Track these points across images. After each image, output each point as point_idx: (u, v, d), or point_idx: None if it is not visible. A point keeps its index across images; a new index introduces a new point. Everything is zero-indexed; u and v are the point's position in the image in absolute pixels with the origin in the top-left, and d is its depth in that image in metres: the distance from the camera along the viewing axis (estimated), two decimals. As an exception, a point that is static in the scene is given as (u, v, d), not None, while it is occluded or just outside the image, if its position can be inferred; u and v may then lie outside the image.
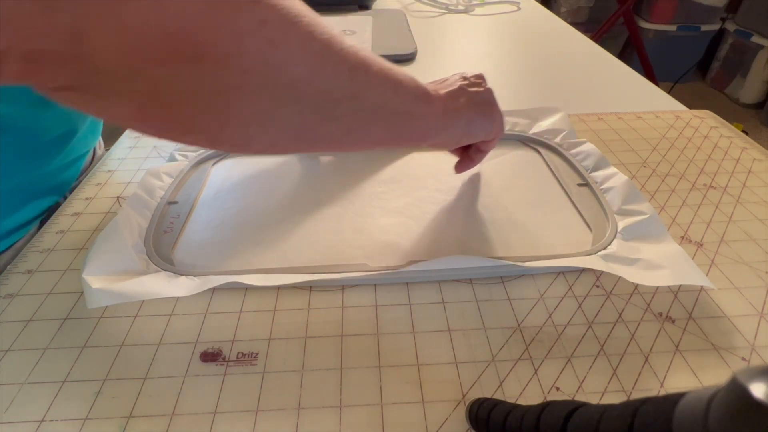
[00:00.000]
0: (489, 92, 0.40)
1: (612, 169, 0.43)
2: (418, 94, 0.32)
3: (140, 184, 0.42)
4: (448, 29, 0.90)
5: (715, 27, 2.20)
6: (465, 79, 0.39)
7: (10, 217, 0.43)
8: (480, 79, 0.40)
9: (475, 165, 0.44)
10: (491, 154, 0.50)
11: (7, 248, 0.44)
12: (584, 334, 0.31)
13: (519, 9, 1.00)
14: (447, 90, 0.36)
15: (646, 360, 0.30)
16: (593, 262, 0.33)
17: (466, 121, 0.36)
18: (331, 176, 0.48)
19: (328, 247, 0.38)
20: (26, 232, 0.46)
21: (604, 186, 0.42)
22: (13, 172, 0.42)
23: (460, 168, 0.44)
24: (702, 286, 0.34)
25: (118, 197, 0.45)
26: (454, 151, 0.44)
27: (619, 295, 0.34)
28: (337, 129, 0.27)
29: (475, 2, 1.03)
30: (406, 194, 0.44)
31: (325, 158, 0.51)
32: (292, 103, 0.24)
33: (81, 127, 0.49)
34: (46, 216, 0.48)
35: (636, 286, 0.34)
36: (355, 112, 0.27)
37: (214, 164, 0.49)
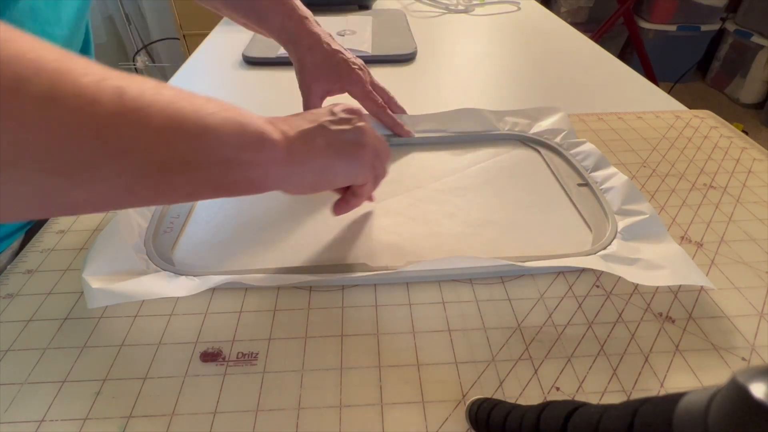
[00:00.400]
0: (358, 131, 0.34)
1: (612, 169, 0.43)
2: (247, 140, 0.27)
3: (140, 184, 0.42)
4: (448, 29, 0.90)
5: (715, 27, 2.19)
6: (332, 114, 0.34)
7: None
8: (352, 114, 0.35)
9: (351, 209, 0.38)
10: (491, 153, 0.50)
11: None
12: (584, 334, 0.31)
13: (519, 9, 1.00)
14: (301, 129, 0.32)
15: (646, 360, 0.30)
16: (593, 262, 0.33)
17: (322, 165, 0.32)
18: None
19: (328, 247, 0.38)
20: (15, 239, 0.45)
21: (604, 186, 0.42)
22: None
23: (336, 210, 0.38)
24: (702, 286, 0.34)
25: (118, 197, 0.45)
26: (337, 190, 0.39)
27: (619, 295, 0.34)
28: (102, 190, 0.23)
29: (475, 2, 1.03)
30: (406, 194, 0.44)
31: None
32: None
33: None
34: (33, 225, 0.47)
35: (636, 286, 0.34)
36: (140, 168, 0.23)
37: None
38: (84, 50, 0.50)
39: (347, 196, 0.38)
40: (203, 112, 0.26)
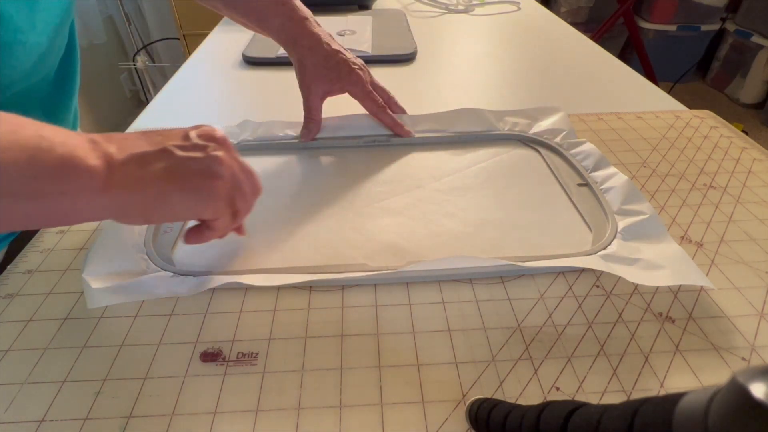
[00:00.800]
0: (211, 160, 0.30)
1: (612, 169, 0.43)
2: (41, 168, 0.24)
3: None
4: (448, 29, 0.90)
5: (715, 27, 2.19)
6: (185, 138, 0.30)
7: None
8: (210, 141, 0.31)
9: (203, 241, 0.33)
10: (491, 153, 0.50)
11: None
12: (584, 334, 0.31)
13: (519, 9, 1.00)
14: (134, 152, 0.28)
15: (646, 360, 0.30)
16: (593, 262, 0.33)
17: (154, 195, 0.28)
18: (331, 176, 0.48)
19: (328, 247, 0.38)
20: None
21: (604, 186, 0.42)
22: None
23: (186, 239, 0.33)
24: (702, 286, 0.34)
25: (118, 197, 0.45)
26: None
27: (619, 295, 0.34)
28: None
29: (475, 2, 1.03)
30: (406, 194, 0.44)
31: (325, 159, 0.51)
32: None
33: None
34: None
35: (636, 286, 0.34)
36: None
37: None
38: (67, 57, 0.48)
39: (200, 227, 0.33)
40: (13, 138, 0.24)
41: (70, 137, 0.26)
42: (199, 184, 0.29)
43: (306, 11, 0.51)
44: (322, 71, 0.50)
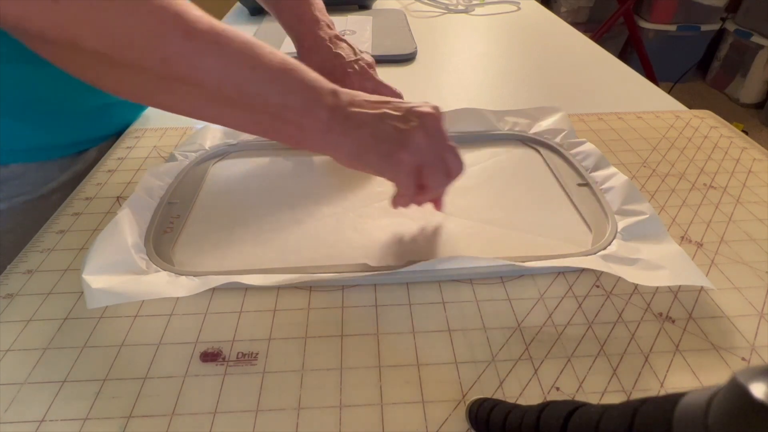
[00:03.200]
0: (405, 134, 0.34)
1: (612, 169, 0.43)
2: (294, 101, 0.32)
3: (140, 184, 0.42)
4: (448, 29, 0.90)
5: (715, 27, 2.19)
6: (399, 110, 0.35)
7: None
8: (417, 117, 0.35)
9: (395, 207, 0.39)
10: (491, 153, 0.50)
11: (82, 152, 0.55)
12: (584, 334, 0.31)
13: (519, 9, 1.00)
14: (357, 110, 0.34)
15: (646, 360, 0.30)
16: (593, 262, 0.33)
17: (358, 148, 0.34)
18: (332, 176, 0.48)
19: (328, 247, 0.38)
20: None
21: (604, 186, 0.42)
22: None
23: (392, 203, 0.39)
24: (702, 286, 0.34)
25: (118, 197, 0.45)
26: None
27: (619, 295, 0.34)
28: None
29: (475, 2, 1.03)
30: (406, 194, 0.44)
31: (326, 159, 0.51)
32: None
33: None
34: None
35: (636, 286, 0.34)
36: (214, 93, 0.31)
37: (214, 164, 0.49)
38: None
39: (396, 195, 0.38)
40: (273, 61, 0.32)
41: (318, 83, 0.34)
42: (387, 150, 0.34)
43: (320, 14, 0.53)
44: (317, 72, 0.50)
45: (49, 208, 0.46)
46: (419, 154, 0.34)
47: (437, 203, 0.40)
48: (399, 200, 0.38)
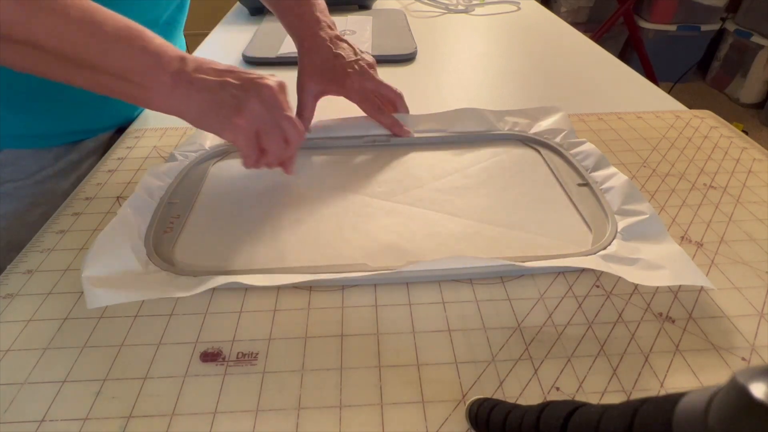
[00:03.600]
0: (243, 101, 0.38)
1: (612, 169, 0.43)
2: (138, 65, 0.35)
3: (140, 184, 0.42)
4: (448, 29, 0.90)
5: (715, 27, 2.19)
6: (241, 79, 0.38)
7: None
8: (255, 87, 0.38)
9: (244, 166, 0.42)
10: (491, 153, 0.50)
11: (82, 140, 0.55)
12: (584, 334, 0.31)
13: (519, 9, 1.00)
14: (201, 77, 0.37)
15: (646, 360, 0.30)
16: (593, 262, 0.33)
17: (199, 111, 0.38)
18: (331, 176, 0.48)
19: (328, 247, 0.38)
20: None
21: (604, 186, 0.42)
22: None
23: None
24: (702, 286, 0.34)
25: (118, 197, 0.45)
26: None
27: (619, 295, 0.34)
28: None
29: (475, 2, 1.03)
30: (406, 194, 0.44)
31: (326, 158, 0.51)
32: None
33: None
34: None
35: (636, 286, 0.34)
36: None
37: (214, 164, 0.49)
38: (178, 8, 0.60)
39: (242, 157, 0.41)
40: (117, 27, 0.34)
41: (165, 48, 0.36)
42: (225, 114, 0.38)
43: (322, 15, 0.53)
44: (317, 72, 0.51)
45: (43, 196, 0.46)
46: (255, 120, 0.38)
47: (286, 167, 0.44)
48: (245, 161, 0.41)
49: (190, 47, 0.74)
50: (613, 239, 0.37)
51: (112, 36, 0.34)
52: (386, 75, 0.54)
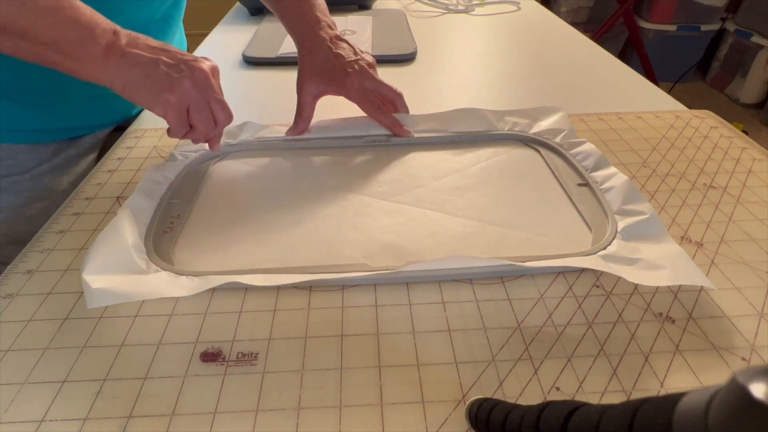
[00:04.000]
0: (174, 81, 0.39)
1: (612, 169, 0.43)
2: (73, 37, 0.36)
3: (140, 184, 0.42)
4: (448, 29, 0.90)
5: (715, 27, 2.19)
6: (175, 59, 0.40)
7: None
8: (189, 69, 0.40)
9: (170, 135, 0.44)
10: (491, 153, 0.50)
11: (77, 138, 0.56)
12: (584, 334, 0.31)
13: (519, 9, 1.00)
14: (135, 52, 0.38)
15: (646, 360, 0.30)
16: (593, 262, 0.33)
17: (131, 85, 0.39)
18: (332, 176, 0.48)
19: (328, 247, 0.38)
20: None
21: (604, 186, 0.42)
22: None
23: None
24: (702, 286, 0.34)
25: (118, 197, 0.45)
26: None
27: (619, 295, 0.34)
28: None
29: (475, 2, 1.03)
30: (406, 194, 0.44)
31: (326, 159, 0.51)
32: None
33: None
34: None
35: (636, 286, 0.34)
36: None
37: (214, 164, 0.49)
38: (174, 4, 0.60)
39: (169, 128, 0.43)
40: (73, 14, 0.36)
41: (99, 22, 0.37)
42: (157, 90, 0.39)
43: (321, 14, 0.53)
44: (316, 72, 0.51)
45: (42, 191, 0.47)
46: (185, 98, 0.40)
47: (212, 145, 0.46)
48: (171, 133, 0.43)
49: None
50: (613, 239, 0.37)
51: (43, 8, 0.35)
52: (386, 75, 0.54)
